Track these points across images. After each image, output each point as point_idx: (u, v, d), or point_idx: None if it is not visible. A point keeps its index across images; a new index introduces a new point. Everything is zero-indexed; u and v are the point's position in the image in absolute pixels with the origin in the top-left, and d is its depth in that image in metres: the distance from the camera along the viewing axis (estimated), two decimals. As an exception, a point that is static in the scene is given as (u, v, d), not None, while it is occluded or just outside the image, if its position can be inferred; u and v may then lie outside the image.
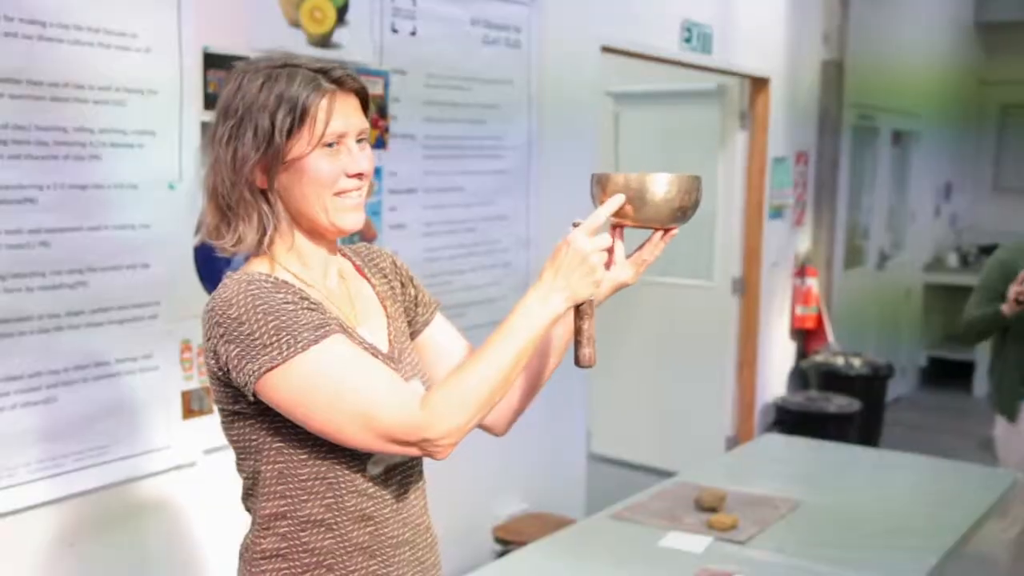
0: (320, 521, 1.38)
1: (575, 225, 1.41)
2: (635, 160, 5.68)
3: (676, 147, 5.81)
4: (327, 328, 1.31)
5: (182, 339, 2.44)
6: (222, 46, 2.48)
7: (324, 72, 1.37)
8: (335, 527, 1.39)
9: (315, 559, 1.39)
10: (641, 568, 2.41)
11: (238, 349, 1.29)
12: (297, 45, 2.66)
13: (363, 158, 1.39)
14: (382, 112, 2.97)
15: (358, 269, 1.54)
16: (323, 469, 1.37)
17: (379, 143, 2.96)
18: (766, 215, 5.35)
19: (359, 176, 1.39)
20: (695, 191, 1.50)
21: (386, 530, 1.43)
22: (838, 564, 2.45)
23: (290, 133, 1.33)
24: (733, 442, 5.31)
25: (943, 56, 8.05)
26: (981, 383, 7.72)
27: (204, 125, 2.44)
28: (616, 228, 1.50)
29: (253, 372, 1.29)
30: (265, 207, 1.37)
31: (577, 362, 1.47)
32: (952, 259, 8.18)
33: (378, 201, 2.98)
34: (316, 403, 1.29)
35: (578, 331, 1.47)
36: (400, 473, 1.46)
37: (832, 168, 6.02)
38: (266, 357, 1.28)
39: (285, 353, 1.28)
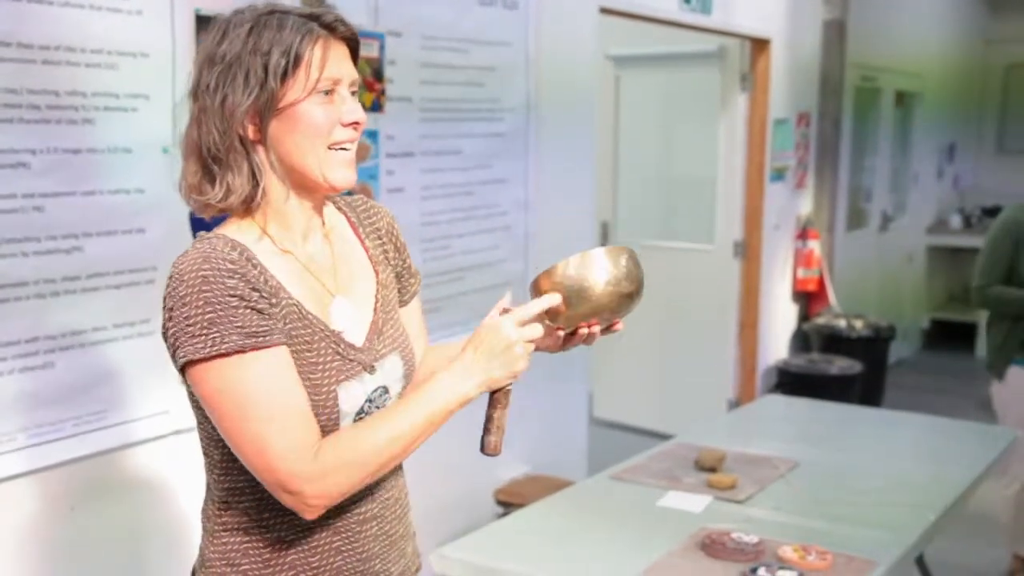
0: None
1: (504, 311, 1.34)
2: (635, 124, 5.65)
3: (677, 110, 5.78)
4: (260, 339, 1.24)
5: (179, 304, 2.43)
6: (214, 8, 2.45)
7: (315, 18, 1.32)
8: None
9: (276, 535, 1.37)
10: (640, 527, 2.42)
11: (174, 329, 1.26)
12: (292, 4, 2.63)
13: (358, 108, 1.34)
14: (378, 75, 2.95)
15: (352, 227, 1.49)
16: None
17: (375, 106, 2.94)
18: (767, 178, 5.33)
19: (354, 125, 1.34)
20: (636, 269, 1.41)
21: (352, 507, 1.40)
22: (836, 521, 2.46)
23: (284, 78, 1.28)
24: (734, 405, 5.33)
25: (946, 15, 7.98)
26: (983, 345, 7.70)
27: (198, 89, 2.43)
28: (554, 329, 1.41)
29: (179, 357, 1.26)
30: (256, 158, 1.31)
31: (482, 449, 1.38)
32: (955, 221, 8.15)
33: (375, 165, 2.96)
34: (223, 412, 1.26)
35: (488, 418, 1.38)
36: None
37: (834, 130, 5.98)
38: (190, 347, 1.24)
39: (208, 349, 1.23)
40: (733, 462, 2.84)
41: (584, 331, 1.43)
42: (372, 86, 2.93)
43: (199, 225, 2.45)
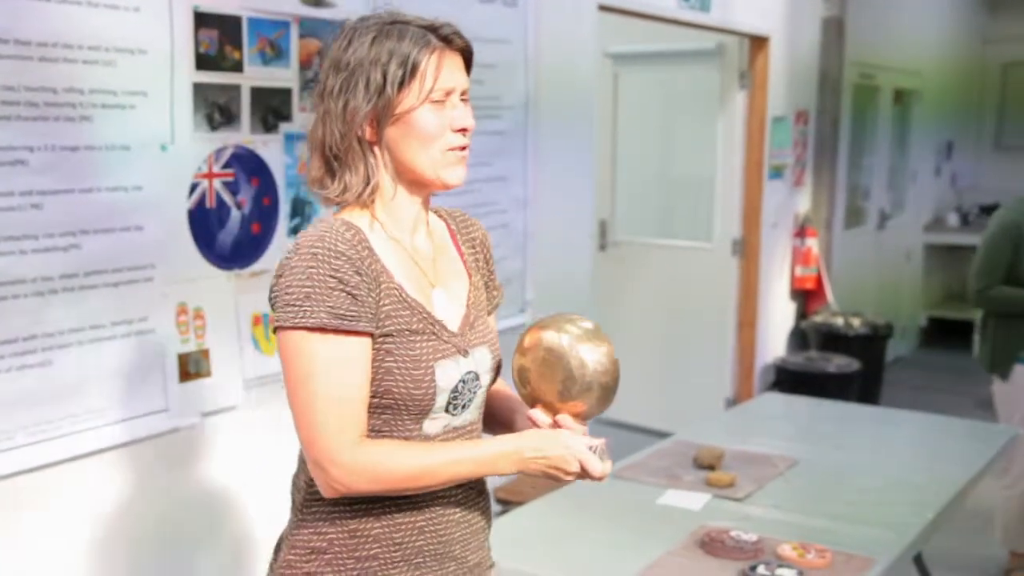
0: None
1: (592, 448, 1.43)
2: (634, 121, 5.65)
3: (675, 107, 5.78)
4: (345, 322, 1.35)
5: (178, 302, 2.43)
6: (213, 5, 2.45)
7: (433, 29, 1.43)
8: None
9: (364, 507, 1.45)
10: (640, 525, 2.42)
11: (276, 293, 1.38)
12: (290, 1, 2.63)
13: (468, 114, 1.46)
14: (376, 72, 2.94)
15: (451, 233, 1.60)
16: (379, 423, 1.43)
17: (374, 103, 2.93)
18: (766, 175, 5.32)
19: (463, 131, 1.45)
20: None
21: (439, 490, 1.46)
22: (835, 519, 2.46)
23: (400, 86, 1.40)
24: (732, 403, 5.33)
25: (945, 13, 7.98)
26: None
27: (196, 86, 2.42)
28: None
29: (273, 320, 1.38)
30: (372, 158, 1.43)
31: None
32: (953, 219, 8.15)
33: (373, 162, 2.95)
34: (292, 377, 1.37)
35: None
36: (458, 434, 1.51)
37: (832, 127, 5.98)
38: (283, 313, 1.36)
39: (296, 319, 1.35)
40: (732, 460, 2.83)
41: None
42: (371, 83, 2.92)
43: (198, 223, 2.45)
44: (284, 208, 2.68)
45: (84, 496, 2.29)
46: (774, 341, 5.70)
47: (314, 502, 1.47)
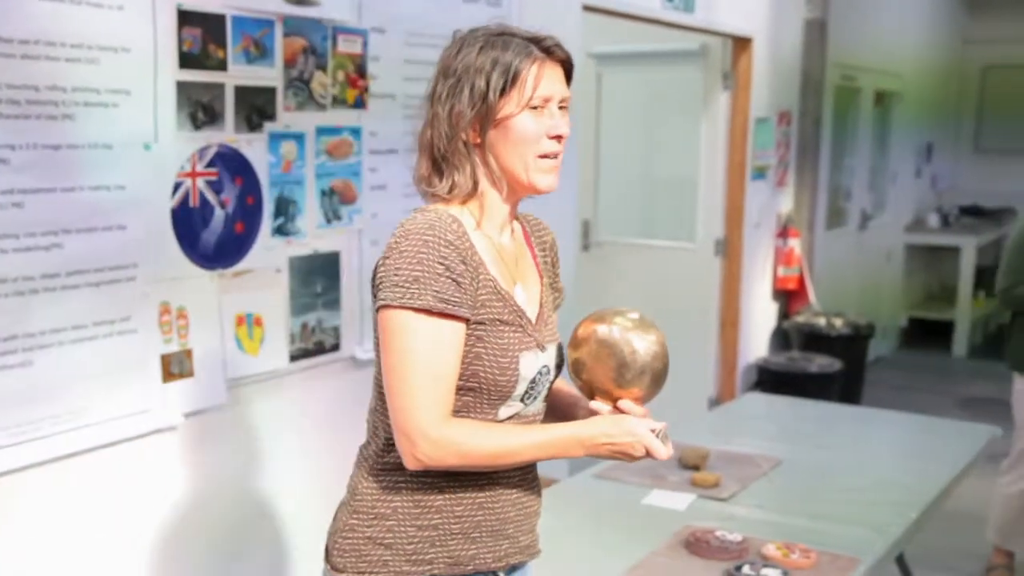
0: None
1: (655, 431, 1.52)
2: (617, 122, 5.65)
3: (659, 108, 5.79)
4: (449, 306, 1.45)
5: (160, 301, 2.41)
6: (196, 3, 2.43)
7: (536, 42, 1.53)
8: None
9: (431, 480, 1.54)
10: (625, 526, 2.42)
11: (383, 272, 1.47)
12: (274, 0, 2.61)
13: (564, 123, 1.55)
14: (361, 72, 2.93)
15: (526, 235, 1.70)
16: (459, 404, 1.51)
17: (358, 103, 2.93)
18: (748, 176, 5.34)
19: (558, 138, 1.54)
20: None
21: (500, 470, 1.57)
22: (819, 519, 2.47)
23: (502, 94, 1.50)
24: (715, 403, 5.34)
25: (925, 15, 8.03)
26: (961, 343, 7.78)
27: (180, 84, 2.40)
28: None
29: (379, 299, 1.47)
30: (477, 160, 1.53)
31: None
32: (933, 220, 8.20)
33: (358, 162, 2.95)
34: (391, 353, 1.46)
35: None
36: (523, 421, 1.59)
37: (815, 128, 6.00)
38: (390, 292, 1.45)
39: (403, 300, 1.43)
40: (716, 460, 2.84)
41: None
42: (355, 83, 2.92)
43: (181, 223, 2.43)
44: (268, 207, 2.67)
45: (66, 498, 2.27)
46: (756, 341, 5.72)
47: (384, 471, 1.56)
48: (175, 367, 2.46)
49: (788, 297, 5.95)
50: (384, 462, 1.57)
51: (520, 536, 1.63)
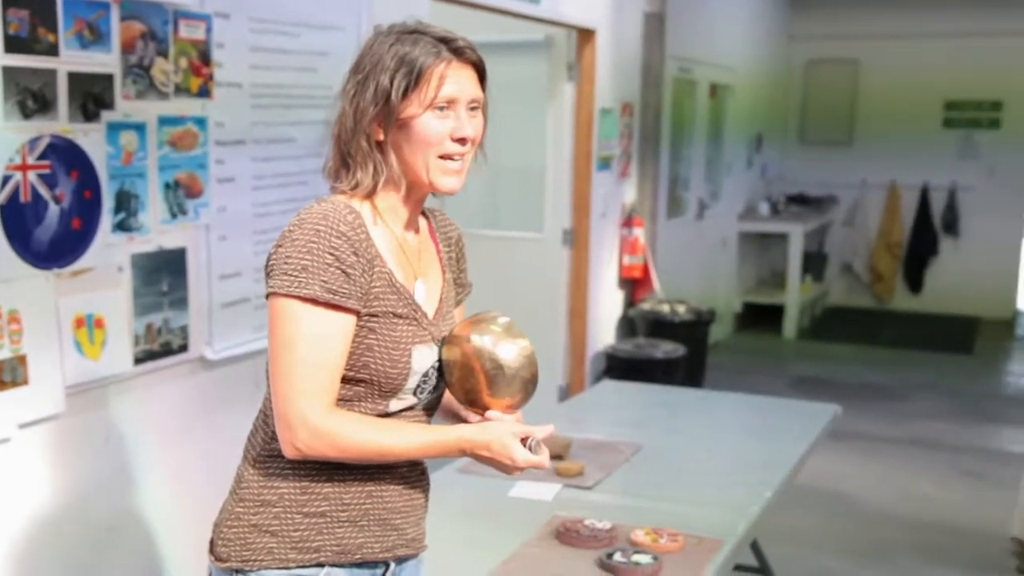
0: None
1: (525, 440, 1.54)
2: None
3: (505, 99, 5.75)
4: (336, 297, 1.44)
5: (-10, 305, 2.23)
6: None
7: (446, 41, 1.53)
8: None
9: (318, 466, 1.53)
10: (494, 519, 2.40)
11: (274, 261, 1.47)
12: (109, -17, 2.46)
13: (469, 125, 1.54)
14: (205, 59, 2.79)
15: (431, 230, 1.70)
16: (350, 395, 1.52)
17: (203, 92, 2.79)
18: (594, 166, 5.41)
19: (462, 141, 1.53)
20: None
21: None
22: (681, 503, 2.52)
23: (405, 93, 1.49)
24: (566, 391, 5.40)
25: (755, 10, 8.35)
26: (790, 326, 8.16)
27: (5, 70, 2.23)
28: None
29: (269, 286, 1.47)
30: (379, 157, 1.53)
31: None
32: (764, 208, 8.55)
33: (204, 154, 2.81)
34: (277, 339, 1.46)
35: None
36: (414, 415, 1.59)
37: (655, 120, 6.14)
38: (278, 280, 1.45)
39: (290, 288, 1.43)
40: (578, 449, 2.86)
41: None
42: (199, 70, 2.78)
43: (11, 220, 2.25)
44: (107, 202, 2.51)
45: None
46: (604, 329, 5.82)
47: (271, 458, 1.54)
48: (7, 375, 2.29)
49: (633, 285, 6.07)
50: (271, 448, 1.55)
51: (407, 528, 1.63)
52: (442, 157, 1.53)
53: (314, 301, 1.44)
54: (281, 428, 1.46)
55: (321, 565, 1.55)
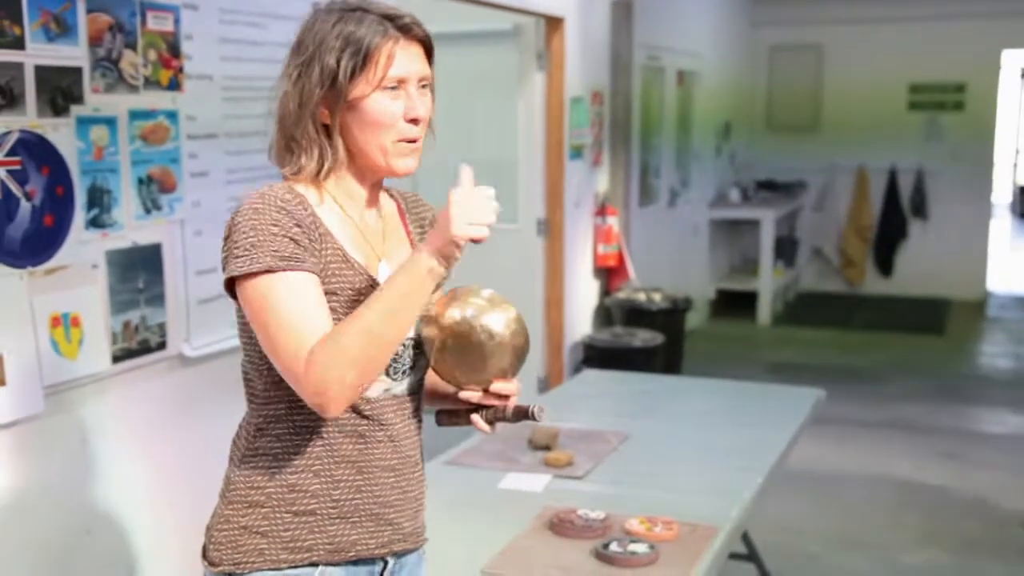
0: (314, 429, 1.49)
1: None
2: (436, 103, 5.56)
3: (476, 90, 5.74)
4: (290, 262, 1.39)
5: (-39, 306, 2.16)
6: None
7: (392, 19, 1.46)
8: (327, 436, 1.49)
9: (305, 463, 1.50)
10: (486, 511, 2.37)
11: (225, 251, 1.44)
12: (75, -27, 2.39)
13: (421, 104, 1.49)
14: (174, 51, 2.73)
15: (400, 212, 1.65)
16: None
17: (173, 84, 2.73)
18: (567, 155, 5.38)
19: (415, 121, 1.48)
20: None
21: (375, 451, 1.52)
22: (674, 491, 2.50)
23: (353, 74, 1.44)
24: (545, 382, 5.37)
25: (719, -2, 8.35)
26: (764, 312, 8.18)
27: (-30, 64, 2.16)
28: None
29: (226, 273, 1.43)
30: (327, 142, 1.47)
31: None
32: (734, 195, 8.57)
33: (176, 148, 2.75)
34: (258, 321, 1.41)
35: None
36: (397, 402, 1.55)
37: (625, 108, 6.12)
38: (232, 265, 1.41)
39: (244, 268, 1.39)
40: (566, 439, 2.83)
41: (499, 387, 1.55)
42: (168, 63, 2.71)
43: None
44: (80, 198, 2.44)
45: None
46: (581, 319, 5.79)
47: (255, 457, 1.51)
48: (-23, 377, 2.22)
49: (608, 274, 6.06)
50: (255, 447, 1.52)
51: (403, 522, 1.57)
52: (399, 141, 1.48)
53: (270, 270, 1.39)
54: (308, 393, 1.37)
55: (315, 564, 1.51)
